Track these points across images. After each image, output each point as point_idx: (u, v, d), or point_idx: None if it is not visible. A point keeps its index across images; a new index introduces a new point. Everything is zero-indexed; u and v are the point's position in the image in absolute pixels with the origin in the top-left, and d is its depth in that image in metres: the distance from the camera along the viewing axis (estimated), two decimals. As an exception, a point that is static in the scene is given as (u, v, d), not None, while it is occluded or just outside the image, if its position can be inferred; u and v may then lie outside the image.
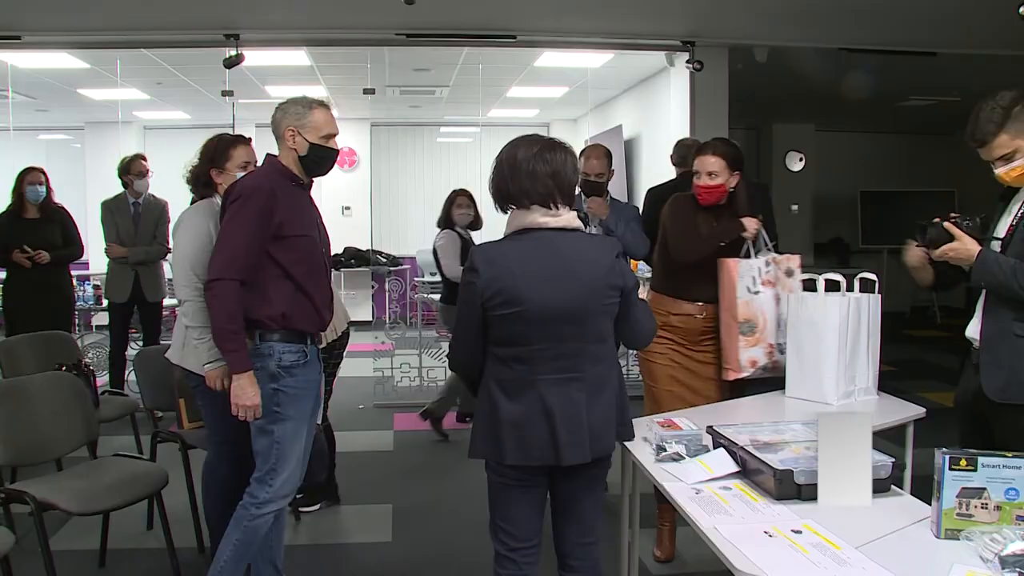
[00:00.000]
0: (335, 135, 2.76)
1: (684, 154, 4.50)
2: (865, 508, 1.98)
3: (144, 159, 5.53)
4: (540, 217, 2.17)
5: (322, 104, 2.73)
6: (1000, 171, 2.41)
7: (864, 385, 3.04)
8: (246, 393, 2.58)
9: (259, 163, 3.21)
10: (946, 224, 2.43)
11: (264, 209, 2.60)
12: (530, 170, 2.15)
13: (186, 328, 2.96)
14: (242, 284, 2.58)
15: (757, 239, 3.16)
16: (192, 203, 3.21)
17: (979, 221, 2.48)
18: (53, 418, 3.12)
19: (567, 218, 2.20)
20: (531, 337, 2.13)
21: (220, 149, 3.11)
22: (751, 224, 3.12)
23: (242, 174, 3.06)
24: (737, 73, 6.35)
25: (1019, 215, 2.41)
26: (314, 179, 2.81)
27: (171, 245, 3.44)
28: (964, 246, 2.39)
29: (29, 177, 5.15)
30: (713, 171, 3.13)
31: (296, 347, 2.69)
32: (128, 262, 5.40)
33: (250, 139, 3.24)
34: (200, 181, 3.13)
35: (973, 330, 2.53)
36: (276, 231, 2.61)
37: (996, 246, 2.45)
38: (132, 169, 5.43)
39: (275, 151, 2.77)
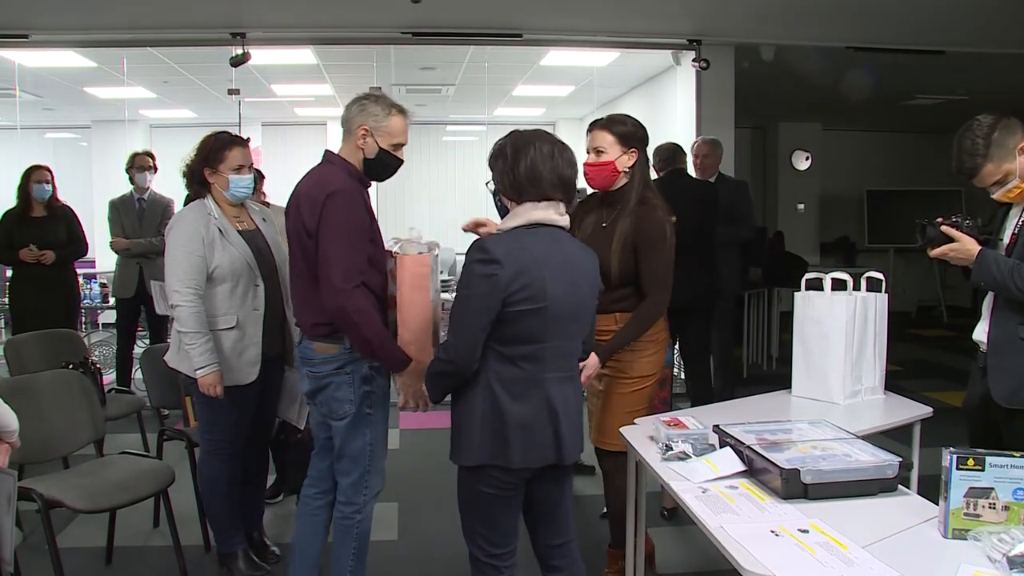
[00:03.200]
0: (404, 145, 2.68)
1: (665, 156, 4.49)
2: (872, 508, 1.98)
3: (151, 155, 5.59)
4: (554, 214, 2.15)
5: (402, 111, 2.65)
6: (997, 195, 2.44)
7: (871, 384, 3.04)
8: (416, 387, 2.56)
9: (254, 164, 3.20)
10: (943, 228, 2.43)
11: (362, 210, 2.55)
12: (550, 166, 2.12)
13: (178, 333, 2.96)
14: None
15: None
16: (186, 201, 3.18)
17: (979, 221, 2.48)
18: (60, 416, 3.13)
19: (567, 218, 2.21)
20: (545, 335, 2.09)
21: (215, 149, 3.05)
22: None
23: (236, 177, 3.04)
24: (743, 72, 6.34)
25: (1020, 223, 2.42)
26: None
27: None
28: (964, 246, 2.40)
29: (35, 175, 5.16)
30: (600, 147, 2.80)
31: None
32: (131, 253, 5.45)
33: (248, 140, 3.20)
34: (195, 179, 3.09)
35: (980, 333, 2.53)
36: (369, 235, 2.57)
37: (1002, 251, 2.45)
38: (136, 163, 5.51)
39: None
